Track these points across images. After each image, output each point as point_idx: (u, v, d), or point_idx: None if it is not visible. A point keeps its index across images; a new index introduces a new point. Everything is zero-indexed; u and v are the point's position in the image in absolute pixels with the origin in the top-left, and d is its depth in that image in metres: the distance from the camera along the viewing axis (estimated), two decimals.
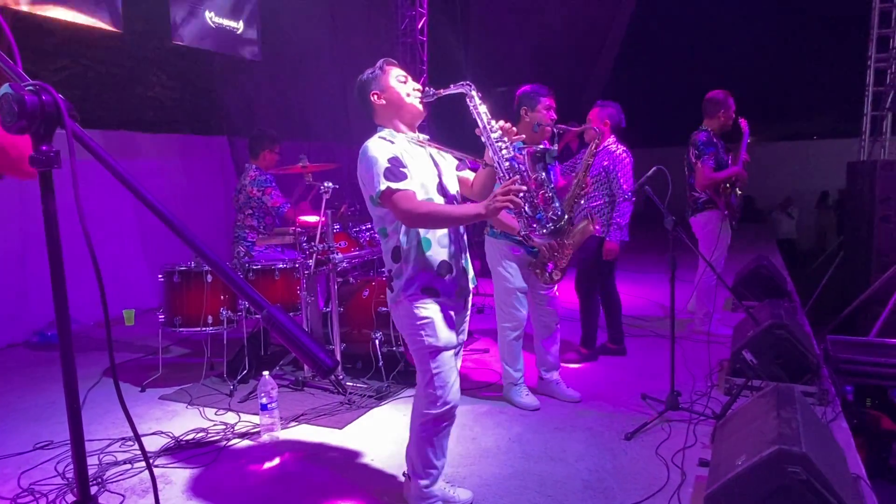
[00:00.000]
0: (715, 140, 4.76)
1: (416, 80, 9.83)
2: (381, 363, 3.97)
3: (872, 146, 8.34)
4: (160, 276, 4.07)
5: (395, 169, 2.20)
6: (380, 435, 3.34)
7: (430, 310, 2.28)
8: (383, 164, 2.19)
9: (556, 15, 10.55)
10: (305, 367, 4.15)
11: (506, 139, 2.21)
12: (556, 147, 3.49)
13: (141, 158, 6.39)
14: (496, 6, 10.75)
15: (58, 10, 5.09)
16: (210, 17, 7.09)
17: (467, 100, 2.26)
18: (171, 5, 6.57)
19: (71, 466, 2.93)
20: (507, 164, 2.17)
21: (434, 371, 2.30)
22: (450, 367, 2.34)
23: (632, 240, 4.35)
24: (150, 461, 3.04)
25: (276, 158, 4.71)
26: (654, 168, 3.46)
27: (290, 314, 4.23)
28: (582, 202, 3.91)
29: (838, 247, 8.86)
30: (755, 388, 3.45)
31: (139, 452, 3.12)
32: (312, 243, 3.98)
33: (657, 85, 17.86)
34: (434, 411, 2.34)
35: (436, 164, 2.40)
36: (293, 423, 3.47)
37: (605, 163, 4.14)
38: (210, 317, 4.00)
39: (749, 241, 10.19)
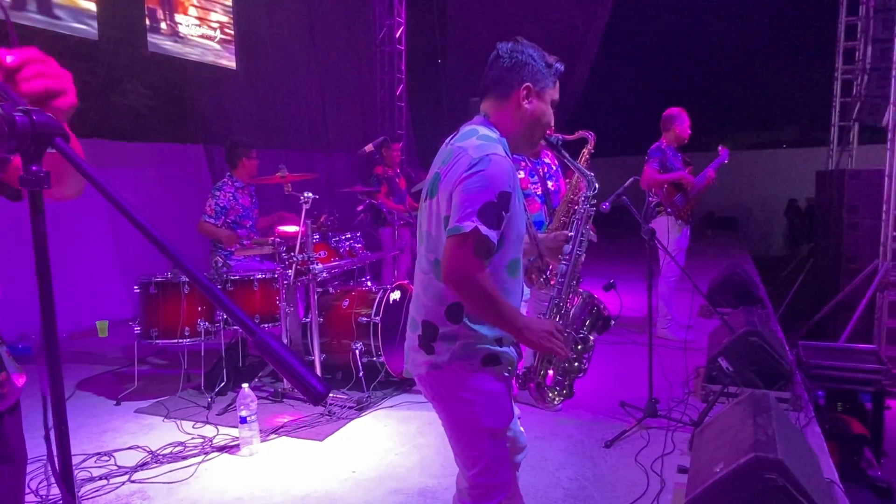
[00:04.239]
0: (665, 148, 5.06)
1: (393, 88, 9.74)
2: (361, 373, 3.95)
3: (840, 155, 8.59)
4: (136, 287, 4.02)
5: (498, 211, 1.63)
6: (361, 446, 3.33)
7: (491, 382, 1.78)
8: (491, 195, 1.62)
9: (533, 26, 10.68)
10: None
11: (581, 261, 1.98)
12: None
13: (115, 167, 6.30)
14: (474, 17, 10.84)
15: (31, 17, 5.02)
16: (187, 24, 7.05)
17: (586, 191, 2.03)
18: (148, 14, 6.53)
19: (45, 483, 2.87)
20: (564, 289, 1.94)
21: (491, 457, 1.79)
22: (505, 448, 1.85)
23: (603, 248, 4.41)
24: (128, 476, 3.00)
25: (255, 164, 4.68)
26: (630, 179, 3.53)
27: (270, 324, 4.23)
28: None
29: (808, 253, 9.06)
30: (731, 395, 3.51)
31: (115, 468, 3.08)
32: (292, 253, 3.96)
33: (632, 95, 18.13)
34: None
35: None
36: (273, 436, 3.44)
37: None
38: (187, 328, 3.95)
39: (721, 248, 10.38)
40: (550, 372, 1.98)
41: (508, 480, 1.85)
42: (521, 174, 3.29)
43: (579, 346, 1.98)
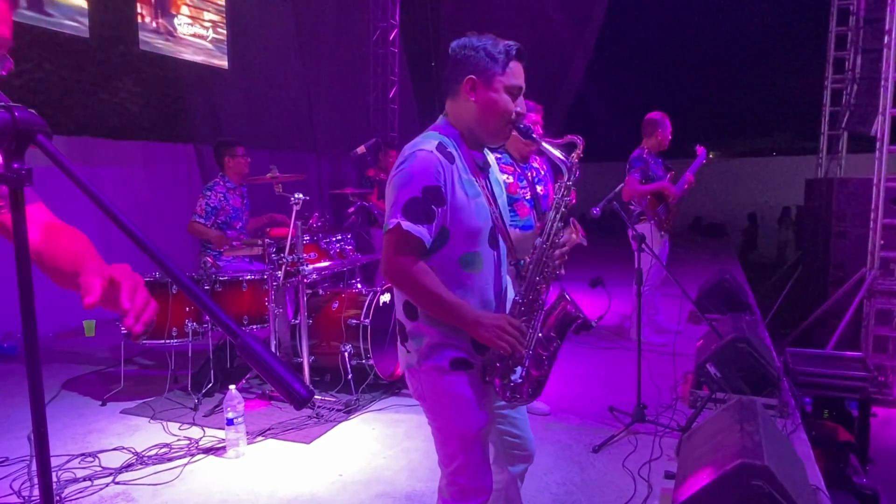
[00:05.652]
0: (647, 157, 5.07)
1: (386, 91, 9.69)
2: (350, 376, 3.94)
3: (829, 164, 8.65)
4: None
5: (425, 205, 1.63)
6: (349, 449, 3.31)
7: (462, 385, 1.75)
8: (414, 191, 1.63)
9: (526, 30, 10.73)
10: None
11: (556, 257, 1.83)
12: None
13: (105, 166, 6.25)
14: (467, 21, 10.88)
15: (21, 13, 4.97)
16: (178, 24, 7.02)
17: (566, 172, 1.84)
18: (140, 11, 6.50)
19: (27, 484, 2.84)
20: (536, 283, 1.79)
21: (464, 459, 1.79)
22: (484, 448, 1.85)
23: (591, 253, 4.42)
24: (112, 478, 2.97)
25: (241, 163, 4.64)
26: (620, 185, 3.54)
27: (258, 326, 4.20)
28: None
29: (797, 261, 9.12)
30: (719, 401, 3.52)
31: (99, 469, 3.04)
32: (281, 254, 3.94)
33: (624, 101, 18.25)
34: None
35: (494, 201, 1.80)
36: (260, 438, 3.42)
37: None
38: (175, 329, 3.92)
39: (711, 255, 10.44)
40: (519, 370, 1.80)
41: (487, 486, 1.84)
42: (510, 179, 3.29)
43: (540, 348, 1.81)
